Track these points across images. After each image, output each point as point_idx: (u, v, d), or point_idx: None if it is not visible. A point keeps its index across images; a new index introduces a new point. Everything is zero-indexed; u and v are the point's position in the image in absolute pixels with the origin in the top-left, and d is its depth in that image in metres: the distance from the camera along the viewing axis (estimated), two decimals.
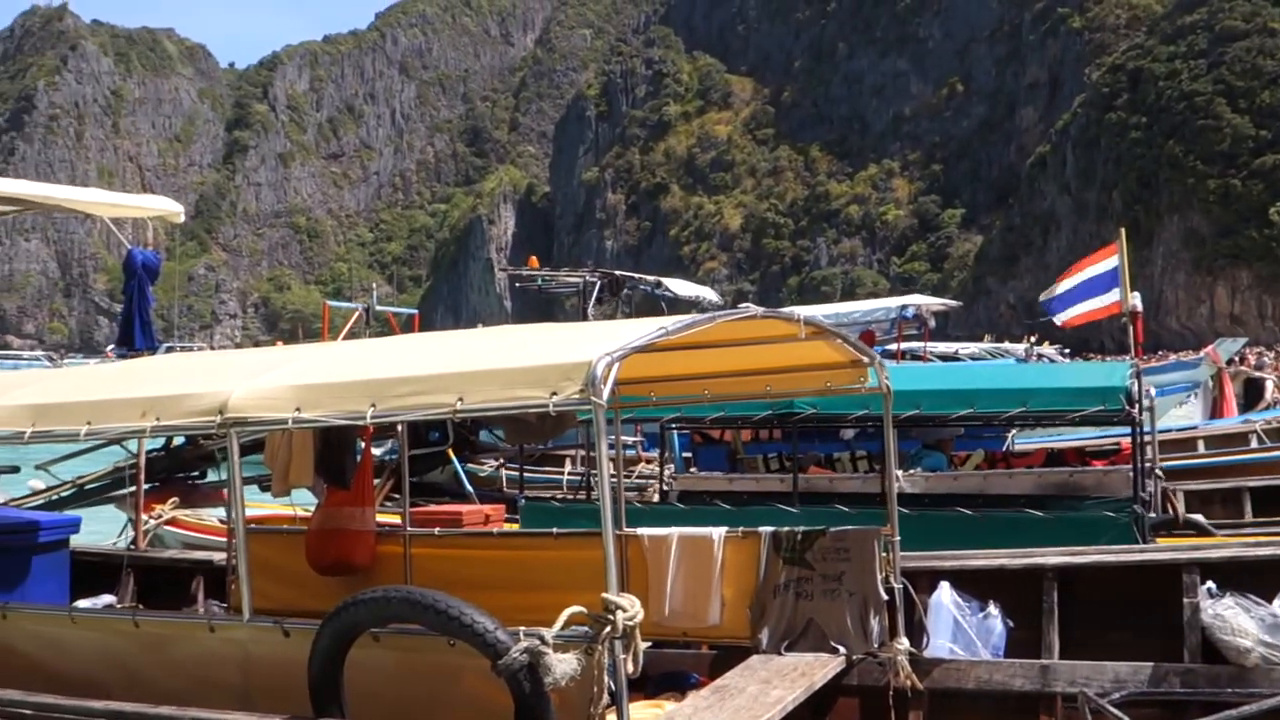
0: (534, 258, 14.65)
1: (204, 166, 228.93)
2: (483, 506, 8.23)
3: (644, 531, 6.20)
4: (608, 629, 3.73)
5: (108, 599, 6.75)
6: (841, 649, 5.48)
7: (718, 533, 6.00)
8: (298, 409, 4.29)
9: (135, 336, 7.97)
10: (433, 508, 8.26)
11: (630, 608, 3.78)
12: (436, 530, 6.99)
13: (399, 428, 9.92)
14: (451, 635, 3.92)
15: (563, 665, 3.68)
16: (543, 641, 3.69)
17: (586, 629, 3.78)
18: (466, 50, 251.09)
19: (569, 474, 10.26)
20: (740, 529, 6.04)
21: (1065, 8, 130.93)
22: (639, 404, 6.87)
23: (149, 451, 8.87)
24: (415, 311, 19.09)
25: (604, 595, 3.77)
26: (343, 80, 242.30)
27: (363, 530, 6.82)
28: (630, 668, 3.79)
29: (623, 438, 9.53)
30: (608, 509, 3.83)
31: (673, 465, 10.86)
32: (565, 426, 5.85)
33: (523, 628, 3.82)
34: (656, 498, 10.12)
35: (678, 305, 14.07)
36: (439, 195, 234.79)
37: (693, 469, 11.00)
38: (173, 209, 8.08)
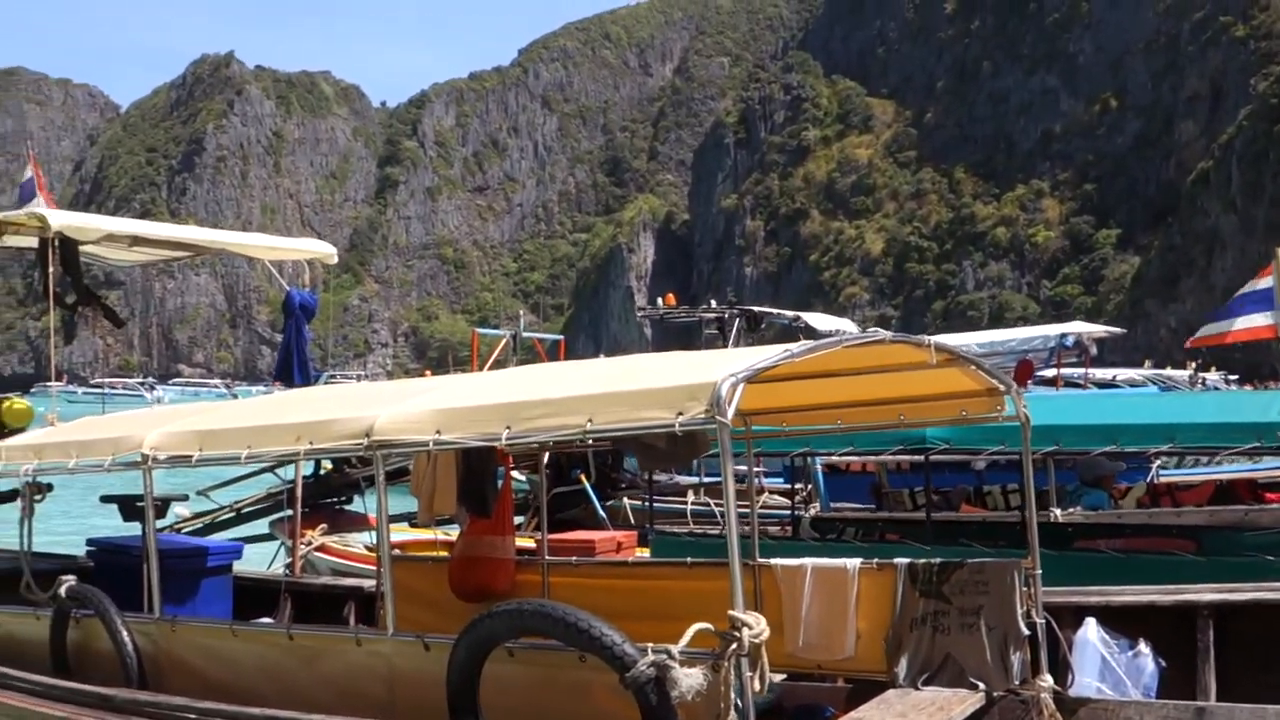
0: (671, 295, 14.81)
1: (358, 202, 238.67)
2: (615, 534, 8.34)
3: (777, 562, 6.19)
4: (734, 646, 3.77)
5: (266, 622, 7.11)
6: (981, 685, 5.36)
7: (852, 564, 5.94)
8: (438, 431, 4.49)
9: (293, 373, 8.36)
10: (567, 535, 8.41)
11: (756, 625, 3.82)
12: (574, 559, 7.12)
13: (541, 459, 10.20)
14: (581, 648, 4.02)
15: (689, 680, 3.74)
16: (670, 656, 3.76)
17: (714, 648, 3.84)
18: (606, 82, 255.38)
19: (693, 503, 10.29)
20: (875, 560, 5.97)
21: (1228, 16, 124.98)
22: (771, 434, 6.87)
23: (307, 478, 9.26)
24: (561, 337, 19.45)
25: (730, 613, 3.82)
26: (487, 115, 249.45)
27: (503, 558, 7.00)
28: (757, 686, 3.82)
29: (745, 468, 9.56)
30: (733, 530, 3.88)
31: (817, 501, 10.70)
32: (697, 451, 5.89)
33: (651, 644, 3.90)
34: (788, 530, 10.04)
35: (815, 339, 13.96)
36: (580, 225, 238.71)
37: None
38: (326, 251, 8.53)
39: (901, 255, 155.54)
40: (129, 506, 7.17)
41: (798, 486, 10.39)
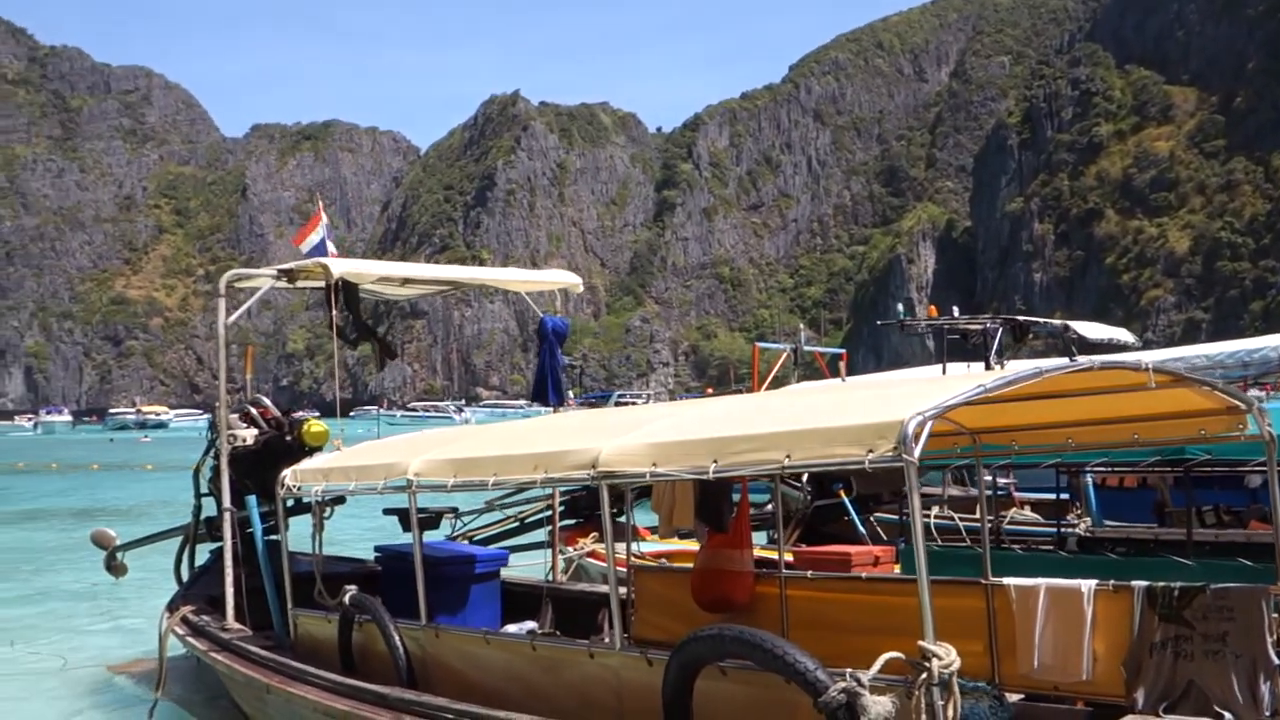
0: (933, 306, 14.60)
1: (637, 226, 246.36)
2: (872, 548, 8.43)
3: (1010, 581, 6.15)
4: (924, 675, 3.89)
5: (530, 625, 7.73)
6: (1228, 715, 5.14)
7: (1087, 585, 5.82)
8: (654, 464, 4.88)
9: (548, 394, 9.10)
10: (822, 548, 8.58)
11: (946, 656, 3.92)
12: (809, 573, 7.31)
13: (803, 476, 10.42)
14: (777, 672, 4.26)
15: (877, 706, 3.90)
16: (859, 684, 3.93)
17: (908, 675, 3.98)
18: (879, 91, 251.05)
19: (936, 517, 10.17)
20: (1111, 582, 5.83)
21: None
22: (1001, 452, 6.82)
23: (575, 491, 9.94)
24: (842, 350, 19.44)
25: (920, 643, 3.94)
26: (760, 133, 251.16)
27: (741, 571, 7.30)
28: (950, 714, 3.92)
29: (999, 480, 9.33)
30: (921, 558, 4.02)
31: (1089, 517, 10.36)
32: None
33: (849, 669, 4.08)
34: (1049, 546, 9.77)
35: (1087, 349, 13.36)
36: (857, 238, 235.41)
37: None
38: (572, 281, 9.22)
39: (1211, 253, 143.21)
40: (408, 518, 8.02)
41: (1055, 499, 10.10)
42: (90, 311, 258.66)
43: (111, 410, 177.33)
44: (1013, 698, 5.40)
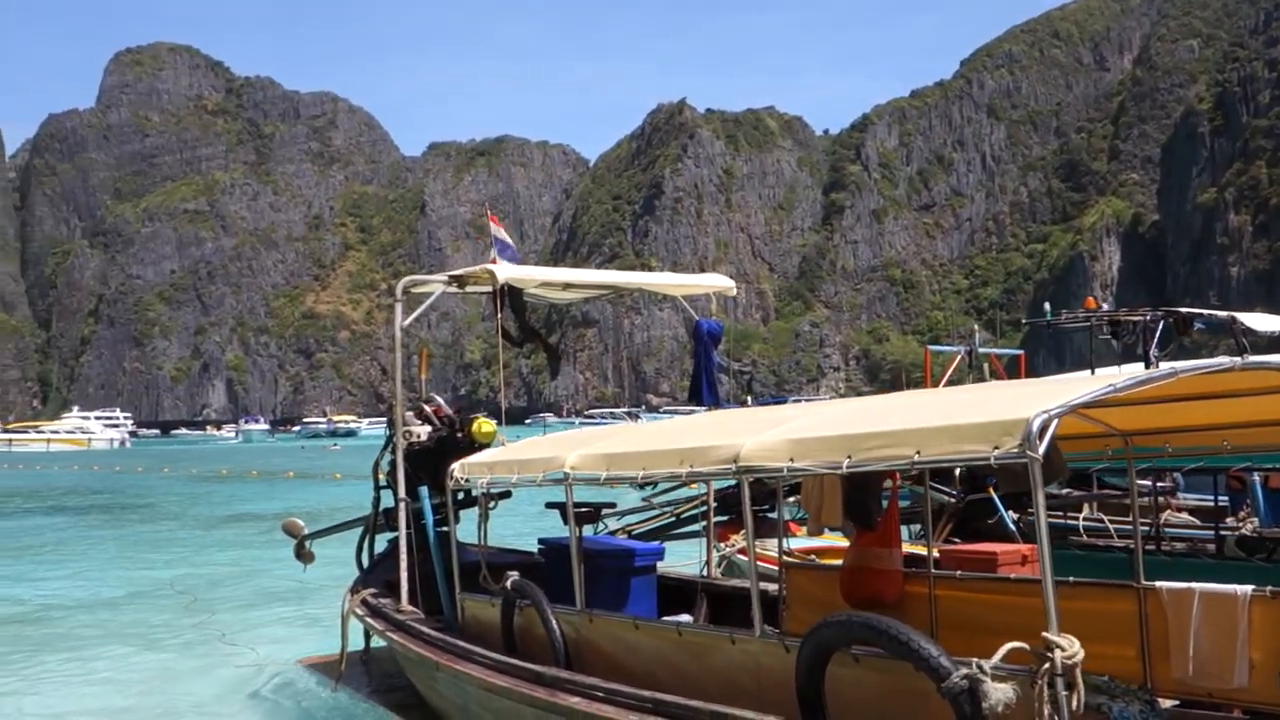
0: (1090, 299, 14.13)
1: (805, 230, 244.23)
2: (1020, 547, 8.35)
3: (1163, 585, 6.06)
4: (1046, 666, 3.98)
5: (686, 617, 8.00)
6: None
7: (1243, 591, 5.69)
8: (791, 459, 5.09)
9: (703, 394, 9.39)
10: (970, 547, 8.54)
11: (1069, 648, 3.99)
12: (958, 573, 7.32)
13: (955, 472, 10.35)
14: (902, 658, 4.41)
15: (998, 693, 4.00)
16: (981, 670, 4.04)
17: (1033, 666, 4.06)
18: (1057, 83, 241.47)
19: (1085, 519, 9.89)
20: (1268, 588, 5.68)
21: None
22: (1153, 454, 6.70)
23: (729, 489, 10.17)
24: (1020, 352, 18.92)
25: (1044, 634, 4.03)
26: (930, 132, 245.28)
27: (890, 569, 7.37)
28: (1073, 704, 3.98)
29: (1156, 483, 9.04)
30: (1046, 553, 4.09)
31: (1255, 518, 9.96)
32: (1054, 474, 5.94)
33: (975, 659, 4.18)
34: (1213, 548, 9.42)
35: (1257, 342, 12.70)
36: (1035, 235, 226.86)
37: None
38: (726, 284, 9.50)
39: None
40: (568, 512, 8.43)
41: (1214, 503, 9.72)
42: (283, 326, 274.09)
43: (304, 419, 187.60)
44: (1166, 703, 5.34)
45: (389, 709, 8.38)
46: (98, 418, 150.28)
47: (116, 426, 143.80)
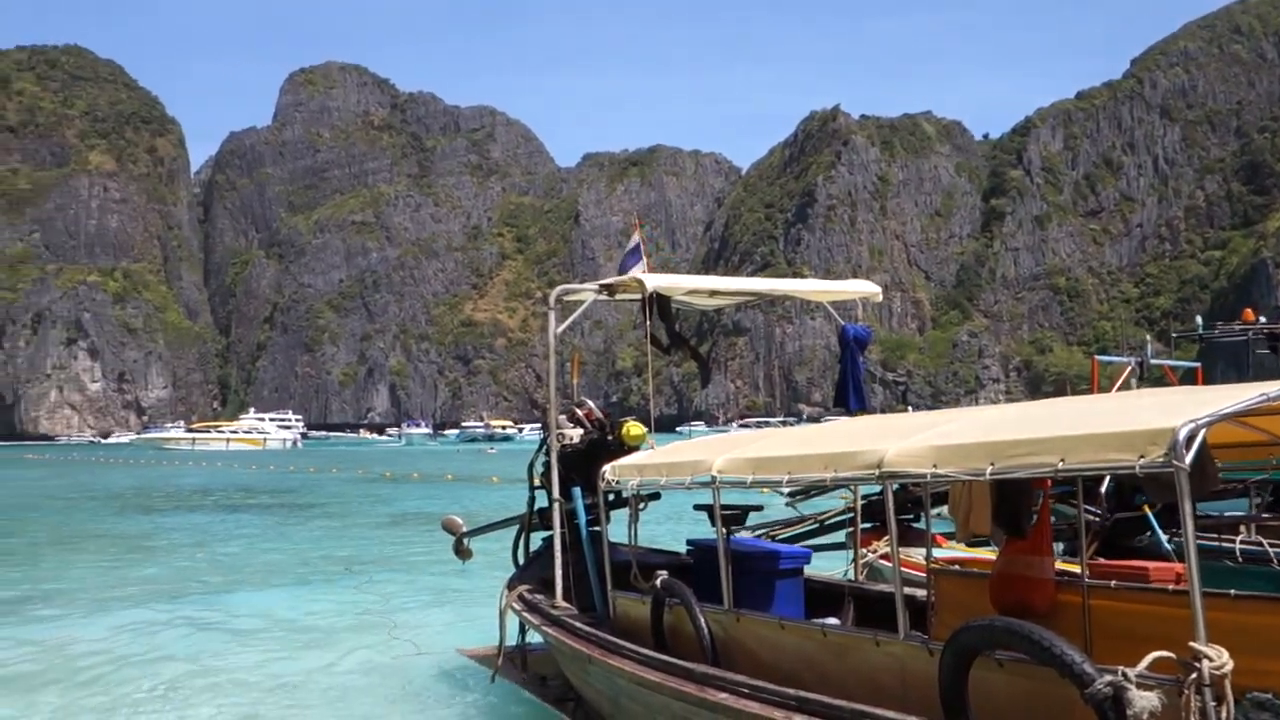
0: (1248, 310, 13.48)
1: (963, 237, 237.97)
2: (1174, 565, 8.13)
3: None
4: (1193, 676, 3.95)
5: (833, 620, 8.06)
6: None
7: None
8: (934, 465, 5.15)
9: (849, 399, 9.41)
10: (1119, 562, 8.34)
11: (1217, 658, 3.95)
12: (1113, 583, 7.19)
13: (1101, 489, 10.09)
14: (1044, 663, 4.41)
15: (1142, 701, 3.97)
16: (1125, 678, 4.03)
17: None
18: (1237, 80, 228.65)
19: (1241, 542, 9.42)
20: None
21: None
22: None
23: (873, 495, 10.17)
24: (1196, 364, 18.13)
25: (1191, 644, 4.01)
26: (1098, 134, 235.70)
27: (1041, 578, 7.29)
28: (1223, 717, 3.94)
29: None
30: (1193, 562, 4.06)
31: None
32: (1205, 485, 5.76)
33: (1120, 666, 4.17)
34: None
35: None
36: (1212, 241, 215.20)
37: None
38: (872, 290, 9.52)
39: None
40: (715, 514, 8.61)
41: None
42: (443, 333, 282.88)
43: (463, 424, 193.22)
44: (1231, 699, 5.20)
45: (543, 700, 8.72)
46: (272, 419, 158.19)
47: (289, 428, 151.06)
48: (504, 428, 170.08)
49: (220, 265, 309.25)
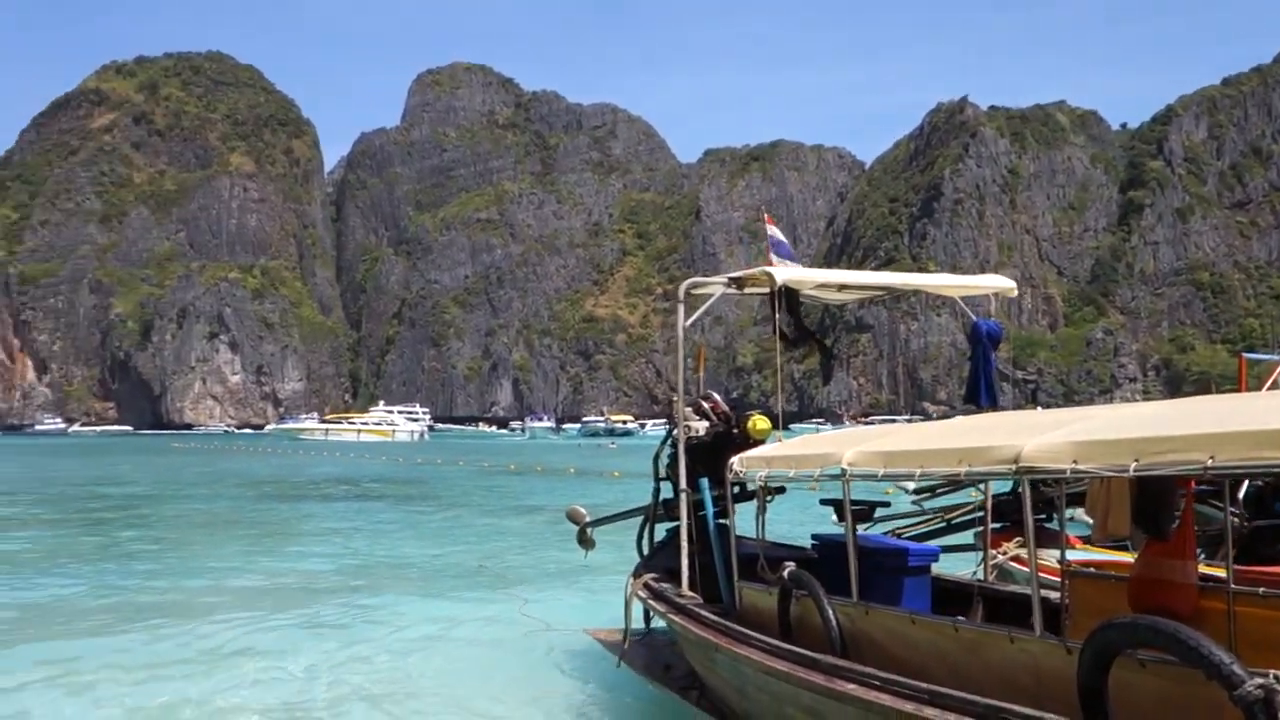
0: None
1: (1098, 231, 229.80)
2: None
3: None
4: None
5: (961, 620, 7.94)
6: None
7: None
8: (1074, 461, 5.04)
9: (980, 395, 9.25)
10: (1264, 568, 8.01)
11: None
12: (1260, 590, 6.92)
13: (1240, 494, 9.70)
14: (1190, 663, 4.28)
15: None
16: (1276, 680, 3.90)
17: None
18: None
19: None
20: None
21: None
22: None
23: (1003, 495, 9.97)
24: None
25: None
26: (1245, 122, 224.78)
27: (1183, 582, 7.06)
28: None
29: None
30: None
31: None
32: None
33: (1271, 670, 4.04)
34: None
35: None
36: None
37: None
38: (1006, 285, 9.33)
39: None
40: (842, 509, 8.58)
41: None
42: (565, 328, 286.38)
43: (584, 418, 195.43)
44: None
45: (666, 687, 8.82)
46: (400, 412, 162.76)
47: (416, 420, 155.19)
48: (624, 423, 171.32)
49: (352, 262, 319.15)
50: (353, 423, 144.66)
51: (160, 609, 13.64)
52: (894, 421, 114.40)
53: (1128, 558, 8.65)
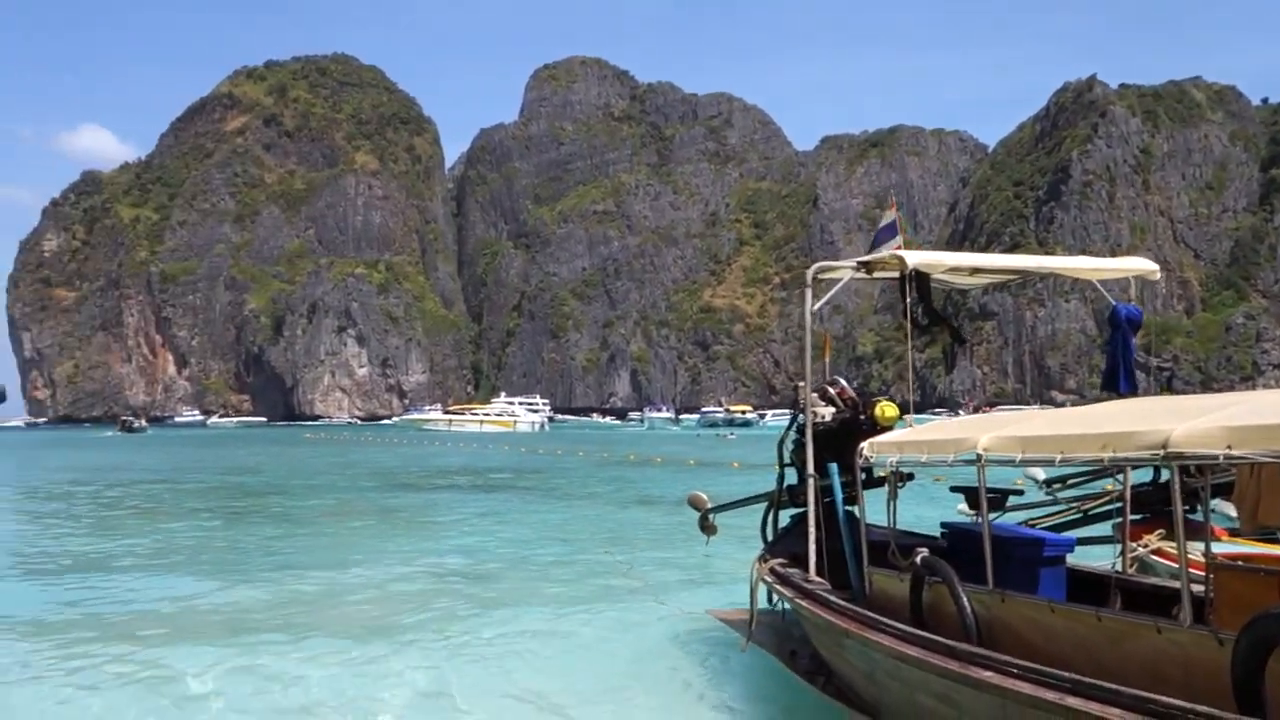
0: None
1: (1238, 211, 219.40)
2: None
3: None
4: None
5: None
6: None
7: None
8: (1228, 446, 4.87)
9: (1119, 382, 8.96)
10: None
11: None
12: None
13: None
14: None
15: None
16: None
17: None
18: None
19: None
20: None
21: None
22: None
23: (1141, 486, 9.65)
24: None
25: None
26: None
27: None
28: None
29: None
30: None
31: None
32: None
33: None
34: None
35: None
36: None
37: None
38: (1149, 268, 9.00)
39: None
40: (973, 496, 8.42)
41: None
42: (682, 319, 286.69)
43: (703, 409, 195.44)
44: None
45: (793, 672, 8.81)
46: (521, 403, 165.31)
47: (537, 411, 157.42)
48: (743, 413, 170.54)
49: (472, 256, 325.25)
50: (475, 414, 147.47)
51: (307, 601, 14.17)
52: (1021, 409, 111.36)
53: (1278, 550, 8.30)
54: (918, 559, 7.14)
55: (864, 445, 7.94)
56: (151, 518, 25.80)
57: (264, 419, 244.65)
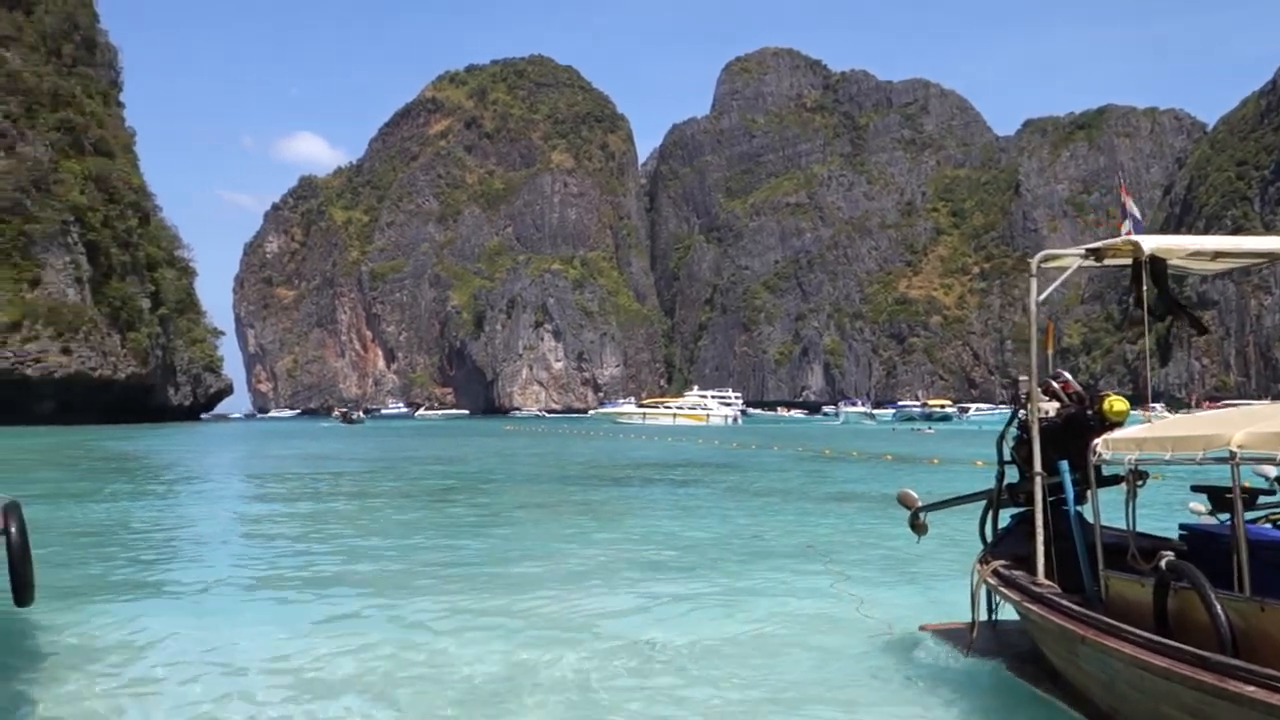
0: None
1: None
2: None
3: None
4: None
5: None
6: None
7: None
8: None
9: None
10: None
11: None
12: None
13: None
14: None
15: None
16: None
17: None
18: None
19: None
20: None
21: None
22: None
23: None
24: None
25: None
26: None
27: None
28: None
29: None
30: None
31: None
32: None
33: None
34: None
35: None
36: None
37: None
38: None
39: None
40: (1219, 496, 7.85)
41: None
42: (877, 311, 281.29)
43: (899, 403, 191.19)
44: None
45: (1020, 679, 8.45)
46: (713, 396, 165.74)
47: (730, 405, 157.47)
48: (942, 407, 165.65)
49: (665, 251, 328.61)
50: (669, 407, 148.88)
51: (527, 581, 14.61)
52: (1248, 405, 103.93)
53: None
54: (1163, 562, 6.71)
55: (1098, 442, 7.52)
56: (405, 501, 27.20)
57: (467, 411, 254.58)
